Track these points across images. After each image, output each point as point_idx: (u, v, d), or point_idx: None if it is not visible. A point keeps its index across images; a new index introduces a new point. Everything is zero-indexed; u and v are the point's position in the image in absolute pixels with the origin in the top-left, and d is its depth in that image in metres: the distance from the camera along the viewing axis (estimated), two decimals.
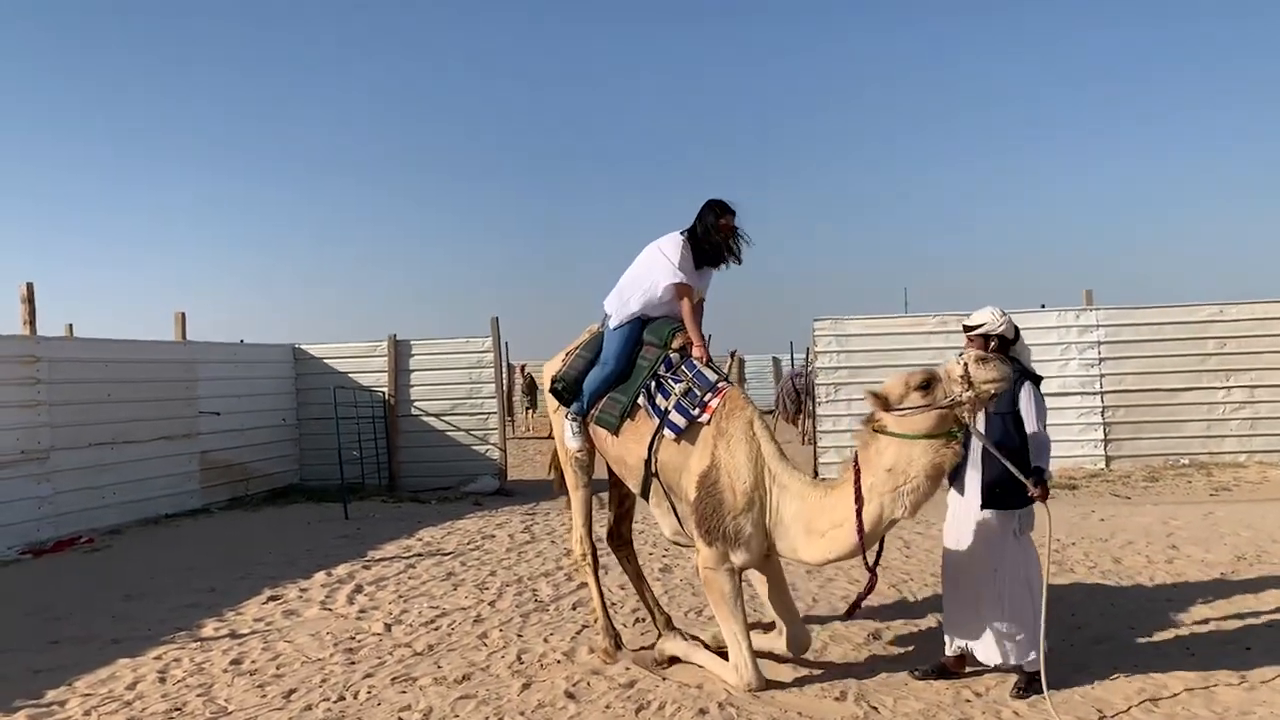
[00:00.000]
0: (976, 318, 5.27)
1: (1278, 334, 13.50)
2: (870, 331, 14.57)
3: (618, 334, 5.75)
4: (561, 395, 5.92)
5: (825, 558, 5.11)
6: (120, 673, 5.95)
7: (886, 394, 4.79)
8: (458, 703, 5.23)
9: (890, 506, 4.76)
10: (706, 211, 5.67)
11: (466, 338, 15.16)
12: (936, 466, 4.68)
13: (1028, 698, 4.99)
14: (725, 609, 5.21)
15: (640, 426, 5.55)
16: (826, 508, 5.00)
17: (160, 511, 12.34)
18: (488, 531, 10.78)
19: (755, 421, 5.31)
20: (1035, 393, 5.11)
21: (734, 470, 5.15)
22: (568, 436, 5.90)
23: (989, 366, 4.63)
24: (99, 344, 12.05)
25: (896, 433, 4.74)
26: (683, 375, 5.46)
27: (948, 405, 4.65)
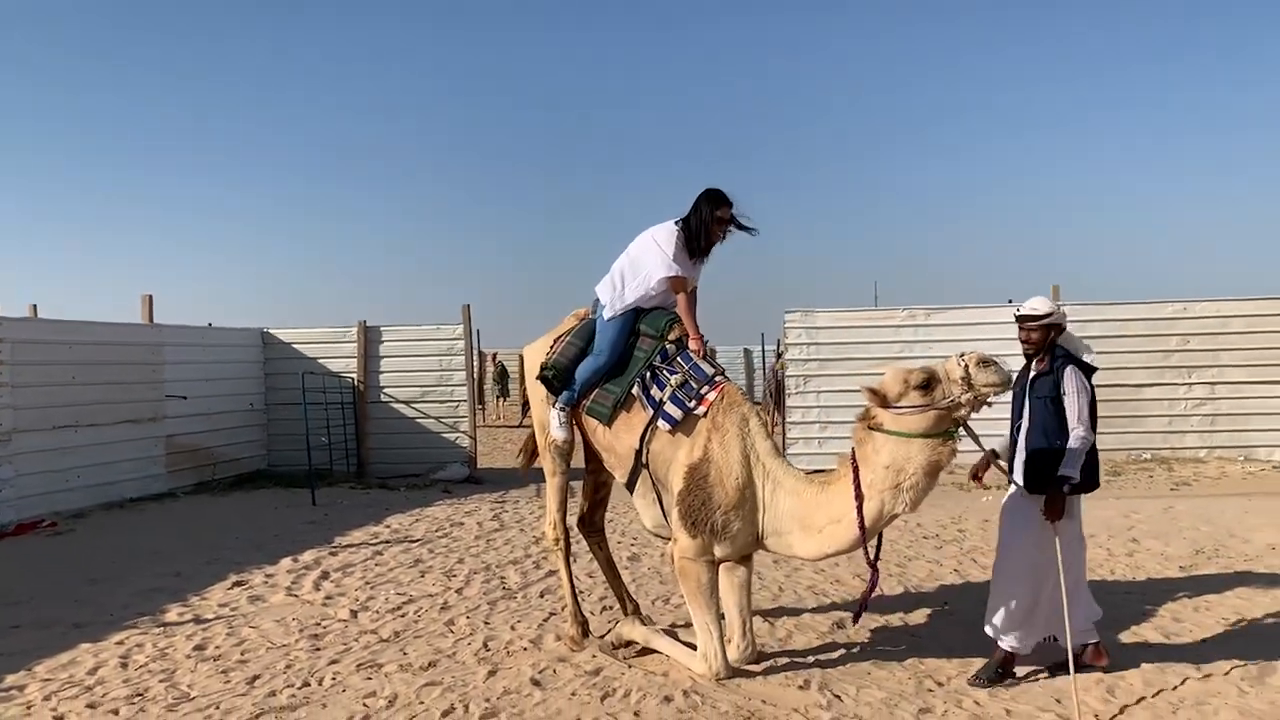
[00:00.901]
0: (1040, 307, 5.14)
1: (1239, 331, 13.70)
2: (840, 324, 14.66)
3: (612, 324, 5.66)
4: (551, 383, 5.80)
5: (822, 553, 5.12)
6: (81, 658, 5.90)
7: (884, 391, 4.78)
8: (423, 689, 5.23)
9: (891, 503, 4.78)
10: (703, 202, 5.57)
11: (437, 324, 15.09)
12: (934, 464, 4.71)
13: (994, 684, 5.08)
14: (700, 599, 5.21)
15: (633, 417, 5.51)
16: (823, 503, 5.01)
17: (125, 495, 12.21)
18: (456, 519, 10.77)
19: (751, 418, 5.28)
20: (1079, 380, 5.02)
21: (727, 465, 5.13)
22: (554, 426, 5.79)
23: (990, 369, 4.65)
24: (63, 325, 11.89)
25: (893, 430, 4.76)
26: (678, 367, 5.41)
27: (946, 406, 4.67)
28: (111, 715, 4.93)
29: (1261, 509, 10.12)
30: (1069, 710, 4.75)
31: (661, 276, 5.56)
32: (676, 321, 5.59)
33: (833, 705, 4.89)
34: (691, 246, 5.60)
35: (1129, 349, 13.86)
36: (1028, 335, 5.17)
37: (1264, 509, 10.17)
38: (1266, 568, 7.61)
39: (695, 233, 5.58)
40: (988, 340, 13.90)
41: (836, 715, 4.75)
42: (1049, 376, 5.07)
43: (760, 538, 5.23)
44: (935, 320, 14.38)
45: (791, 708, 4.85)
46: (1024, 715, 4.72)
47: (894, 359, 14.23)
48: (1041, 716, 4.69)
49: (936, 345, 14.11)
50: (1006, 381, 4.70)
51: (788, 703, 4.93)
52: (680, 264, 5.56)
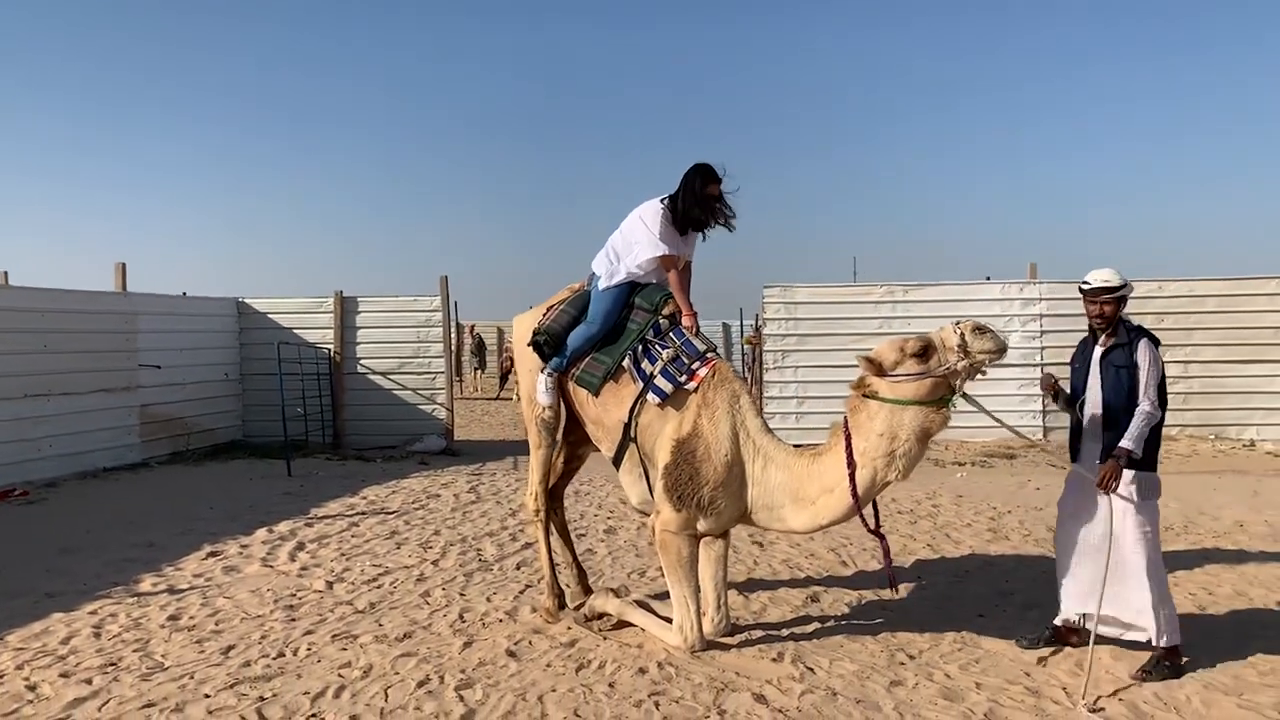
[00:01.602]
0: (1097, 278, 5.02)
1: (1212, 311, 13.84)
2: (819, 300, 14.69)
3: (606, 295, 5.63)
4: (542, 349, 5.71)
5: (816, 524, 5.14)
6: (54, 627, 5.87)
7: (880, 359, 4.82)
8: (398, 660, 5.24)
9: (884, 470, 4.83)
10: (693, 176, 5.51)
11: (415, 296, 15.01)
12: (926, 431, 4.78)
13: (1159, 680, 4.79)
14: (680, 572, 5.23)
15: (622, 389, 5.47)
16: (815, 474, 5.03)
17: (98, 465, 12.13)
18: (433, 491, 10.76)
19: (742, 395, 5.29)
20: (1154, 352, 4.94)
21: (715, 441, 5.13)
22: (540, 392, 5.73)
23: (986, 337, 4.69)
24: (35, 293, 11.75)
25: (889, 398, 4.79)
26: (670, 342, 5.39)
27: (943, 373, 4.71)
28: (85, 684, 4.91)
29: (1230, 487, 10.26)
30: (1037, 684, 4.82)
31: (650, 256, 5.54)
32: (671, 297, 5.57)
33: (806, 677, 4.93)
34: (680, 223, 5.57)
35: None
36: (1100, 309, 5.04)
37: (1233, 487, 10.31)
38: (1234, 544, 7.72)
39: (684, 209, 5.54)
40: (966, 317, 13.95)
41: (809, 687, 4.79)
42: (1124, 348, 4.95)
43: (749, 513, 5.24)
44: (914, 297, 14.43)
45: (765, 679, 4.89)
46: (993, 688, 4.77)
47: (872, 335, 14.27)
48: (1010, 689, 4.75)
49: (915, 322, 14.16)
50: (1002, 349, 4.73)
51: (761, 674, 4.97)
52: (668, 241, 5.54)
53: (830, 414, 13.94)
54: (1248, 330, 13.65)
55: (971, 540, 8.08)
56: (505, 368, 26.66)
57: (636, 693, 4.73)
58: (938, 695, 4.69)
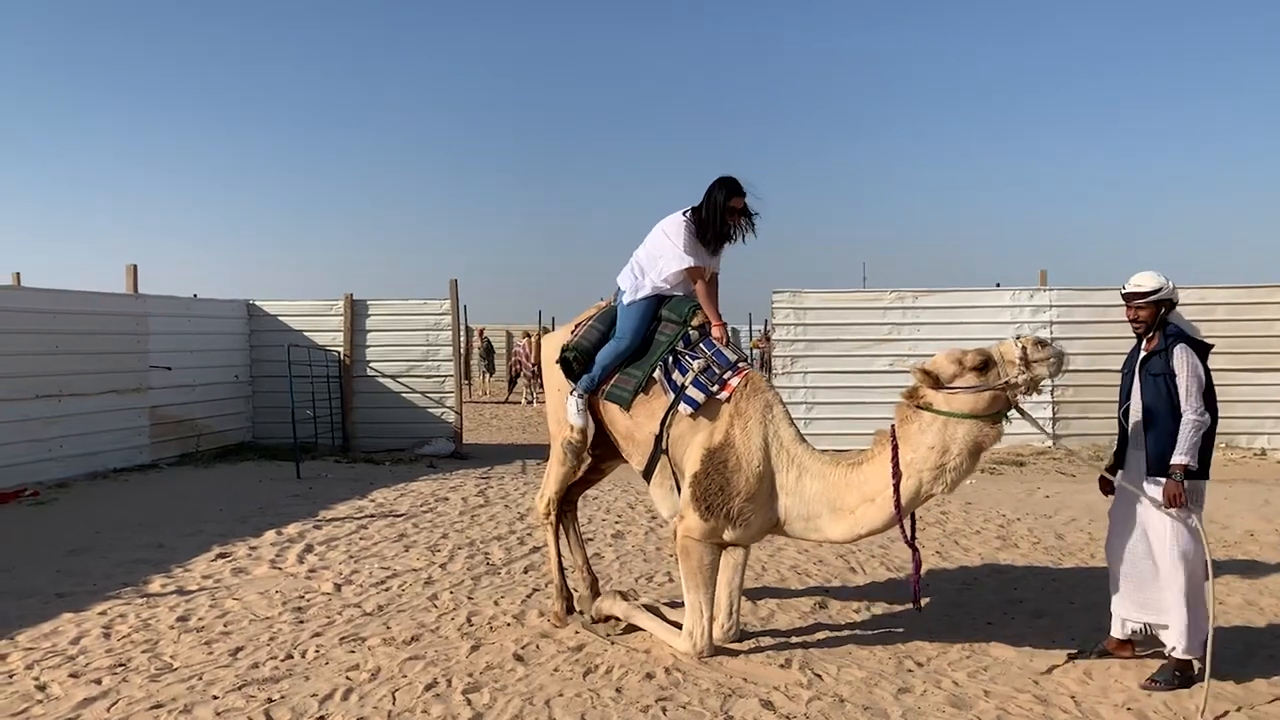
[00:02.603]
0: (1148, 282, 4.95)
1: (1222, 319, 13.77)
2: (828, 305, 14.69)
3: (634, 309, 5.59)
4: (570, 366, 5.65)
5: (854, 534, 5.09)
6: (64, 627, 5.89)
7: (937, 371, 4.76)
8: (406, 663, 5.25)
9: (930, 483, 4.79)
10: (716, 189, 5.50)
11: (424, 299, 15.04)
12: (980, 445, 4.73)
13: (1168, 690, 4.77)
14: (698, 578, 5.20)
15: (653, 402, 5.42)
16: (854, 484, 4.98)
17: (108, 466, 12.18)
18: (441, 494, 10.77)
19: (775, 405, 5.26)
20: (1192, 359, 4.83)
21: (747, 451, 5.08)
22: (572, 414, 5.61)
23: (1047, 351, 4.64)
24: (47, 294, 11.80)
25: (944, 411, 4.74)
26: (701, 353, 5.36)
27: (1001, 387, 4.67)
28: (94, 685, 4.93)
29: (1241, 495, 10.21)
30: (1045, 692, 4.80)
31: (676, 269, 5.52)
32: (699, 308, 5.54)
33: (813, 684, 4.92)
34: (704, 235, 5.55)
35: (1113, 334, 13.85)
36: (1135, 314, 5.00)
37: (1243, 495, 10.26)
38: (1244, 554, 7.68)
39: (706, 220, 5.52)
40: (975, 324, 13.99)
41: (817, 693, 4.79)
42: (1161, 355, 4.90)
43: (782, 524, 5.19)
44: (923, 303, 14.41)
45: (772, 686, 4.88)
46: (1001, 696, 4.76)
47: (881, 340, 14.31)
48: (1018, 698, 4.73)
49: (924, 328, 14.18)
50: (1062, 363, 4.69)
51: (769, 681, 4.96)
52: (693, 254, 5.52)
53: (839, 419, 13.98)
54: (1259, 339, 13.60)
55: (980, 548, 8.05)
56: (514, 371, 26.71)
57: (644, 698, 4.73)
58: (945, 703, 4.68)
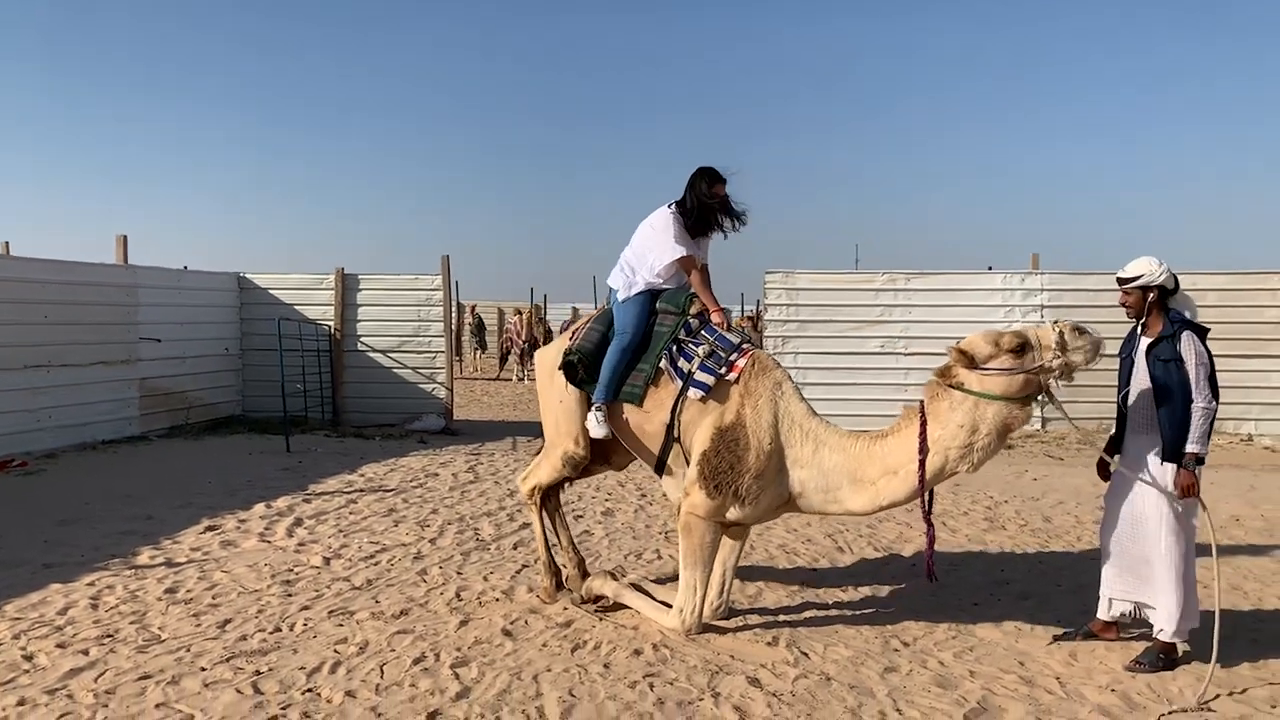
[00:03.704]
0: (1132, 269, 4.97)
1: (1212, 305, 13.78)
2: (820, 286, 14.67)
3: (630, 304, 5.58)
4: (574, 368, 5.56)
5: (876, 505, 5.10)
6: (52, 598, 5.89)
7: (972, 351, 4.79)
8: (395, 637, 5.26)
9: (956, 461, 4.84)
10: (698, 179, 5.56)
11: (416, 275, 14.98)
12: (1008, 427, 4.79)
13: (1152, 672, 4.79)
14: (696, 556, 5.21)
15: (662, 392, 5.40)
16: (877, 456, 5.02)
17: (97, 437, 12.15)
18: (431, 470, 10.78)
19: (784, 382, 5.30)
20: (1199, 345, 4.86)
21: (758, 429, 5.11)
22: (593, 425, 5.49)
23: (1085, 338, 4.68)
24: (37, 264, 11.73)
25: (976, 391, 4.77)
26: (704, 339, 5.37)
27: (1035, 371, 4.71)
28: (82, 655, 4.93)
29: (1227, 480, 10.27)
30: (1030, 673, 4.84)
31: (668, 261, 5.53)
32: (695, 297, 5.56)
33: (800, 661, 4.95)
34: (691, 225, 5.57)
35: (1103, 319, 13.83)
36: (1123, 299, 5.05)
37: (1230, 480, 10.33)
38: (1229, 538, 7.73)
39: (692, 210, 5.55)
40: (966, 307, 14.02)
41: (803, 671, 4.81)
42: (1168, 341, 4.89)
43: (797, 497, 5.19)
44: (915, 285, 14.41)
45: (759, 663, 4.91)
46: (987, 676, 4.79)
47: (873, 322, 14.32)
48: (1004, 678, 4.76)
49: (916, 310, 14.20)
50: (1099, 351, 4.73)
51: (756, 658, 4.99)
52: (684, 243, 5.53)
53: (830, 400, 13.96)
54: (1248, 325, 13.62)
55: (968, 529, 8.09)
56: (505, 348, 26.68)
57: (631, 674, 4.75)
58: (931, 683, 4.71)
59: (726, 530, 5.40)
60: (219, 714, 4.25)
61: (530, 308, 27.67)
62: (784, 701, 4.46)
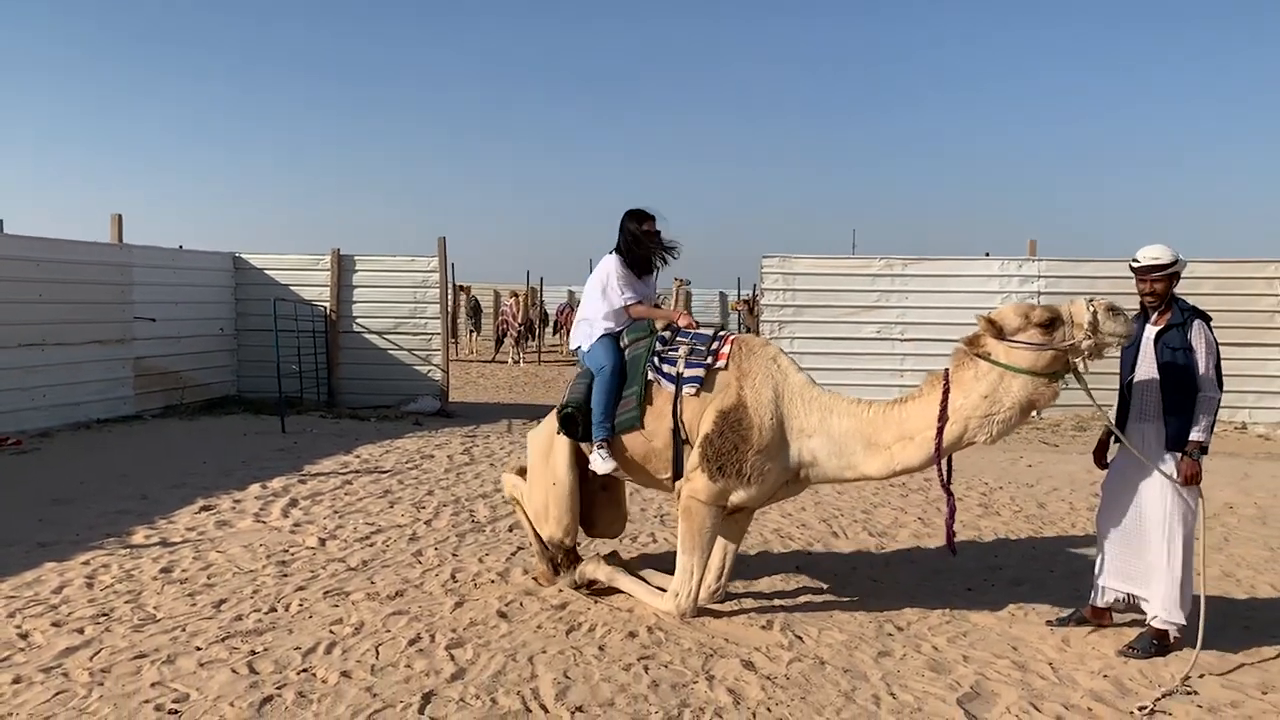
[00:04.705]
0: (1148, 254, 4.92)
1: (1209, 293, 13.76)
2: (817, 271, 14.66)
3: (597, 345, 5.64)
4: (573, 419, 5.56)
5: (890, 470, 5.08)
6: (47, 576, 5.88)
7: (1001, 322, 4.75)
8: (390, 618, 5.26)
9: (975, 431, 4.81)
10: (627, 221, 5.75)
11: (412, 256, 14.95)
12: (1033, 403, 4.75)
13: (1144, 658, 4.82)
14: (697, 540, 5.20)
15: (658, 405, 5.40)
16: (893, 421, 5.00)
17: (92, 416, 12.12)
18: (427, 451, 10.77)
19: (779, 357, 5.34)
20: (1210, 335, 4.84)
21: (759, 407, 5.11)
22: (599, 464, 5.49)
23: (1118, 320, 4.62)
24: (31, 242, 11.66)
25: (1003, 363, 4.73)
26: (680, 343, 5.43)
27: (1064, 348, 4.66)
28: (77, 634, 4.93)
29: (1221, 469, 10.30)
30: (1024, 658, 4.86)
31: (618, 307, 5.68)
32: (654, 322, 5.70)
33: (794, 645, 4.97)
34: (633, 267, 5.72)
35: None
36: (1151, 287, 4.96)
37: (1224, 469, 10.35)
38: (1223, 526, 7.76)
39: (629, 252, 5.72)
40: (963, 293, 14.01)
41: (798, 655, 4.83)
42: (1179, 329, 4.86)
43: (808, 467, 5.16)
44: (912, 271, 14.40)
45: (754, 647, 4.92)
46: (980, 661, 4.81)
47: (869, 308, 14.31)
48: (997, 663, 4.78)
49: (912, 295, 14.20)
50: (1131, 334, 4.72)
51: (750, 641, 5.00)
52: (632, 289, 5.69)
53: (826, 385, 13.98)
54: (1243, 313, 13.62)
55: (962, 515, 8.10)
56: (501, 331, 26.66)
57: (626, 656, 4.76)
58: (925, 667, 4.73)
59: (729, 515, 5.40)
60: (214, 693, 4.26)
61: (526, 290, 27.65)
62: (778, 685, 4.47)
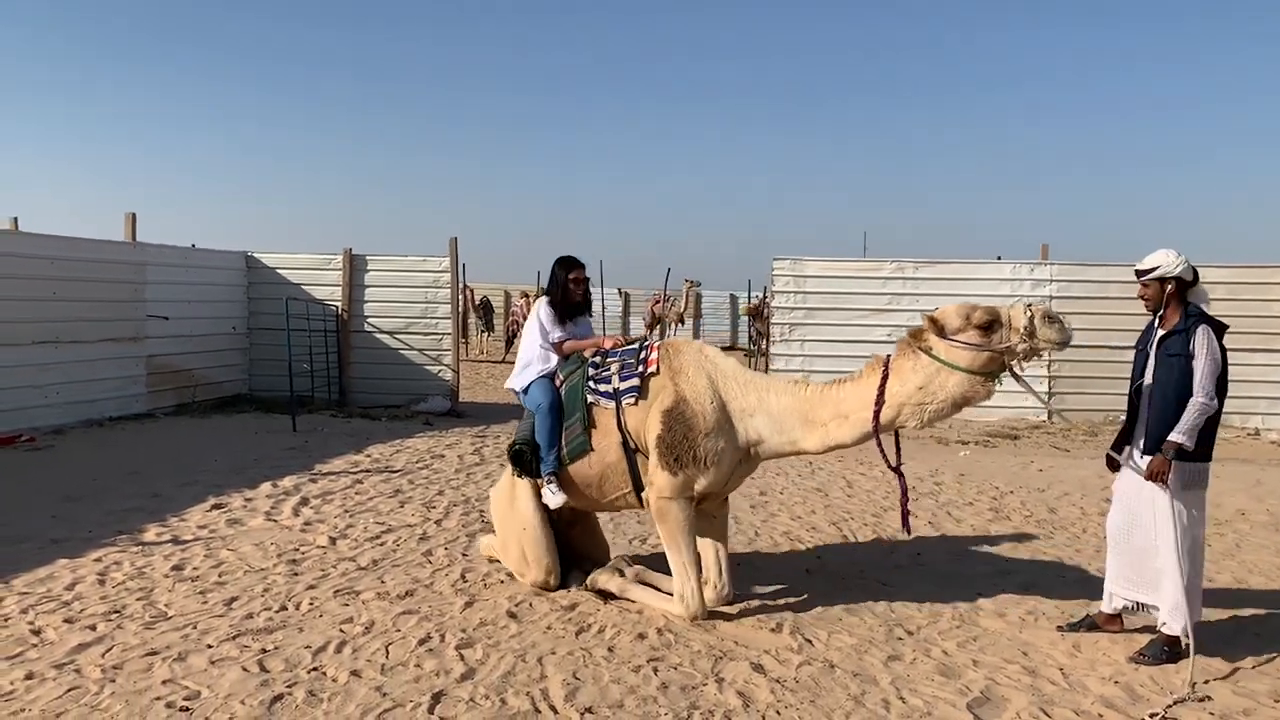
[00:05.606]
0: (1149, 260, 4.93)
1: (1218, 299, 13.67)
2: (828, 273, 14.66)
3: (533, 385, 5.87)
4: (523, 455, 5.72)
5: (825, 445, 5.27)
6: (59, 573, 5.92)
7: (943, 321, 4.95)
8: (400, 618, 5.28)
9: (907, 416, 5.03)
10: (557, 269, 6.05)
11: (424, 256, 14.98)
12: (966, 398, 4.94)
13: (1154, 665, 4.79)
14: (679, 538, 5.28)
15: (603, 423, 5.54)
16: (830, 400, 5.22)
17: (105, 414, 12.19)
18: (437, 451, 10.80)
19: (705, 348, 5.58)
20: (1212, 342, 4.77)
21: (696, 395, 5.28)
22: (549, 496, 5.63)
23: (1054, 327, 4.78)
24: (45, 240, 11.74)
25: (942, 359, 4.91)
26: (609, 363, 5.65)
27: (1000, 350, 4.81)
28: (89, 630, 4.96)
29: (1234, 475, 10.25)
30: (1034, 663, 4.85)
31: (548, 349, 5.93)
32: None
33: (804, 648, 4.96)
34: (561, 312, 5.98)
35: (1112, 310, 13.92)
36: (1141, 291, 5.04)
37: (1236, 475, 10.31)
38: (1235, 532, 7.73)
39: (558, 299, 6.00)
40: (975, 296, 13.93)
41: (807, 658, 4.82)
42: (1180, 335, 4.81)
43: (757, 444, 5.33)
44: (923, 274, 14.38)
45: (763, 649, 4.92)
46: (990, 666, 4.80)
47: (881, 310, 14.29)
48: (1007, 668, 4.77)
49: (924, 299, 14.15)
50: (1067, 341, 4.84)
51: (760, 644, 5.00)
52: (562, 329, 5.96)
53: None
54: (1255, 319, 13.57)
55: (973, 519, 8.10)
56: (511, 331, 26.69)
57: (635, 658, 4.76)
58: (934, 671, 4.72)
59: (701, 504, 5.45)
60: (225, 691, 4.28)
61: (537, 290, 27.67)
62: (787, 688, 4.47)
